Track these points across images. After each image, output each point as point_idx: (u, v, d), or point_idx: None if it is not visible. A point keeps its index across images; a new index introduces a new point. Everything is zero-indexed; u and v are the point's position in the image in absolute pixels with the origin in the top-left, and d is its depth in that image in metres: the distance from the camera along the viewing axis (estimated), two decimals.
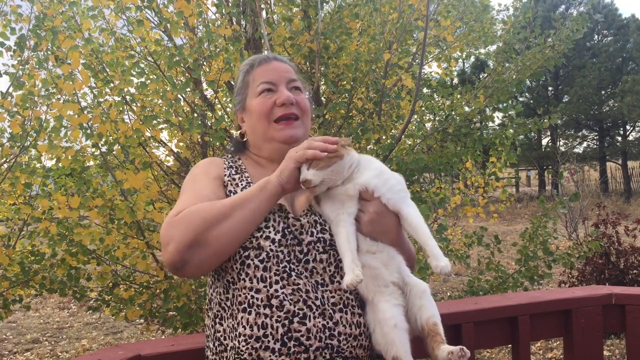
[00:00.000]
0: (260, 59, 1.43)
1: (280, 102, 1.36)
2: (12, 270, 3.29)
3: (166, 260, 1.19)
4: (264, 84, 1.38)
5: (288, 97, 1.36)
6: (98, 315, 6.50)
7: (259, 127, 1.39)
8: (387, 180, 1.29)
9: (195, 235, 1.16)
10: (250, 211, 1.21)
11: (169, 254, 1.18)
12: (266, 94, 1.37)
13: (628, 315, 1.88)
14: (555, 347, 4.87)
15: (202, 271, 1.25)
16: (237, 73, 1.50)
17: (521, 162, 24.35)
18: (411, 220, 1.27)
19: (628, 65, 23.56)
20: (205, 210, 1.20)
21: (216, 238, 1.18)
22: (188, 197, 1.28)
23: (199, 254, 1.17)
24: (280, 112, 1.36)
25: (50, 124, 3.12)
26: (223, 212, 1.19)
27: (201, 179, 1.35)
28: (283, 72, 1.40)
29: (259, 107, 1.37)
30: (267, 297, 1.20)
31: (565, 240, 10.13)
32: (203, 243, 1.17)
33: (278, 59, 1.45)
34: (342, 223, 1.25)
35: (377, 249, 1.28)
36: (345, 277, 1.19)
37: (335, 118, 4.09)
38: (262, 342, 1.18)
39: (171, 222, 1.20)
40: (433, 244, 1.22)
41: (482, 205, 4.58)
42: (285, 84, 1.39)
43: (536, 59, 4.25)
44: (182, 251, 1.16)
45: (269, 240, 1.23)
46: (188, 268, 1.19)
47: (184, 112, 4.02)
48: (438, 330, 1.24)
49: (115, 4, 3.27)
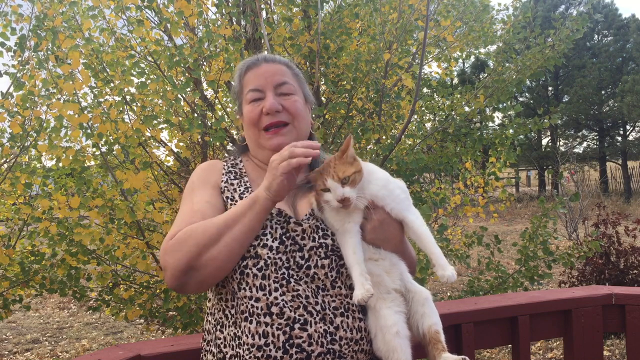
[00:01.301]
0: (250, 63, 1.41)
1: (265, 111, 1.34)
2: (12, 270, 3.29)
3: (166, 283, 1.24)
4: (251, 91, 1.37)
5: (272, 105, 1.33)
6: (98, 315, 6.50)
7: (251, 135, 1.40)
8: (393, 191, 1.29)
9: (187, 261, 1.18)
10: (242, 231, 1.21)
11: (167, 279, 1.22)
12: (255, 102, 1.36)
13: (628, 315, 1.88)
14: (555, 347, 4.87)
15: (204, 289, 1.28)
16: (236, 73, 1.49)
17: (521, 162, 24.37)
18: (416, 228, 1.28)
19: (628, 65, 23.56)
20: (196, 234, 1.20)
21: (210, 261, 1.19)
22: (183, 215, 1.29)
23: (195, 277, 1.20)
24: (267, 120, 1.35)
25: (51, 124, 3.12)
26: (215, 235, 1.19)
27: (198, 190, 1.35)
28: (270, 77, 1.37)
29: (247, 115, 1.37)
30: (267, 305, 1.20)
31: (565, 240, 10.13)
32: (197, 267, 1.19)
33: (268, 60, 1.41)
34: (348, 233, 1.24)
35: (379, 256, 1.28)
36: (356, 292, 1.19)
37: (335, 118, 4.09)
38: (263, 351, 1.18)
39: (166, 248, 1.22)
40: (438, 253, 1.23)
41: (482, 205, 4.58)
42: (273, 89, 1.36)
43: (536, 59, 4.25)
44: (178, 277, 1.20)
45: (266, 248, 1.23)
46: (188, 288, 1.23)
47: (184, 112, 4.03)
48: (440, 338, 1.24)
49: (116, 4, 3.27)
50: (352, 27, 3.95)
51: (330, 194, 1.21)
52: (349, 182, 1.20)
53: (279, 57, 1.44)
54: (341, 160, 1.23)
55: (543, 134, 25.26)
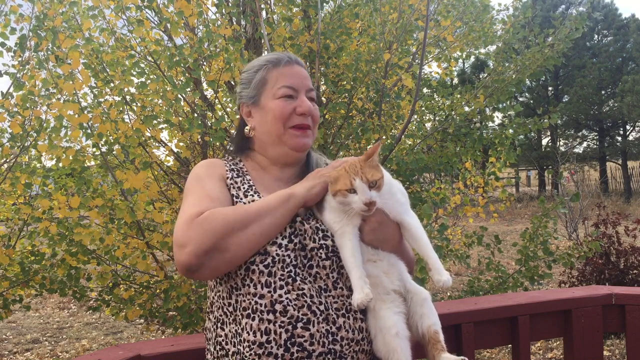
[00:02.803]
0: (285, 59, 1.40)
1: (300, 111, 1.36)
2: (12, 270, 3.29)
3: (181, 262, 1.17)
4: (286, 88, 1.36)
5: (309, 108, 1.37)
6: (98, 315, 6.50)
7: (273, 129, 1.37)
8: (395, 194, 1.30)
9: (215, 240, 1.16)
10: (272, 222, 1.21)
11: (185, 255, 1.16)
12: (287, 99, 1.36)
13: (628, 315, 1.88)
14: (555, 347, 4.87)
15: (215, 275, 1.25)
16: (237, 73, 1.50)
17: (521, 162, 24.37)
18: (414, 231, 1.29)
19: (628, 65, 23.55)
20: (228, 215, 1.19)
21: (236, 245, 1.18)
22: (199, 198, 1.26)
23: (215, 260, 1.17)
24: (297, 120, 1.36)
25: (51, 124, 3.12)
26: (246, 220, 1.19)
27: (207, 180, 1.33)
28: (305, 80, 1.40)
29: (278, 110, 1.35)
30: (271, 302, 1.20)
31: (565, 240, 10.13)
32: (222, 249, 1.17)
33: (300, 63, 1.43)
34: (347, 235, 1.24)
35: (377, 257, 1.28)
36: (355, 296, 1.19)
37: (335, 118, 4.09)
38: (265, 348, 1.18)
39: (191, 223, 1.17)
40: (435, 257, 1.24)
41: (482, 205, 4.58)
42: (306, 92, 1.39)
43: (536, 59, 4.25)
44: (199, 255, 1.15)
45: (275, 246, 1.23)
46: (202, 271, 1.18)
47: (184, 112, 4.02)
48: (439, 338, 1.25)
49: (116, 4, 3.27)
50: (352, 27, 3.95)
51: (356, 195, 1.19)
52: (375, 186, 1.20)
53: (302, 62, 1.46)
54: (367, 164, 1.23)
55: (543, 134, 25.26)
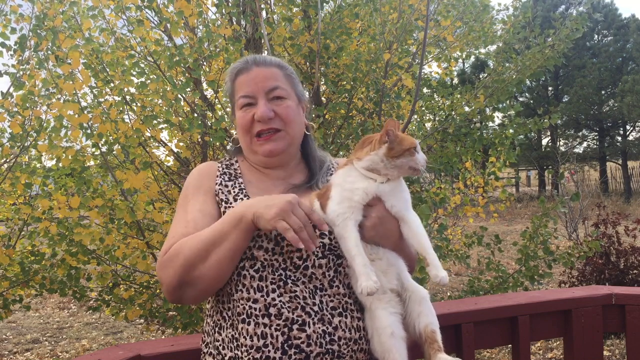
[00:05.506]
0: (240, 67, 1.38)
1: (257, 118, 1.33)
2: (12, 270, 3.30)
3: (165, 295, 1.28)
4: (242, 97, 1.35)
5: (263, 113, 1.31)
6: (98, 315, 6.50)
7: (243, 140, 1.39)
8: (403, 190, 1.31)
9: (180, 278, 1.21)
10: (229, 247, 1.19)
11: (164, 290, 1.26)
12: (247, 107, 1.35)
13: (628, 315, 1.88)
14: (555, 347, 4.87)
15: (201, 300, 1.29)
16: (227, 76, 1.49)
17: (521, 162, 24.35)
18: (414, 227, 1.28)
19: (628, 65, 23.54)
20: (184, 251, 1.21)
21: (201, 278, 1.21)
22: (177, 226, 1.31)
23: (190, 292, 1.23)
24: (259, 127, 1.34)
25: (51, 124, 3.12)
26: (203, 251, 1.20)
27: (191, 197, 1.35)
28: (262, 82, 1.34)
29: (240, 121, 1.36)
30: (265, 306, 1.20)
31: (565, 240, 10.13)
32: (191, 283, 1.22)
33: (258, 63, 1.37)
34: (349, 228, 1.24)
35: (376, 256, 1.27)
36: (363, 284, 1.18)
37: (335, 118, 4.09)
38: (262, 352, 1.18)
39: (160, 263, 1.26)
40: (433, 255, 1.24)
41: (482, 205, 4.58)
42: (265, 95, 1.34)
43: (536, 59, 4.25)
44: (172, 292, 1.24)
45: (262, 250, 1.23)
46: (186, 301, 1.28)
47: (184, 112, 4.03)
48: (436, 337, 1.24)
49: (116, 4, 3.27)
50: (352, 27, 3.95)
51: (419, 154, 1.28)
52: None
53: (269, 59, 1.41)
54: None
55: (543, 134, 25.25)
